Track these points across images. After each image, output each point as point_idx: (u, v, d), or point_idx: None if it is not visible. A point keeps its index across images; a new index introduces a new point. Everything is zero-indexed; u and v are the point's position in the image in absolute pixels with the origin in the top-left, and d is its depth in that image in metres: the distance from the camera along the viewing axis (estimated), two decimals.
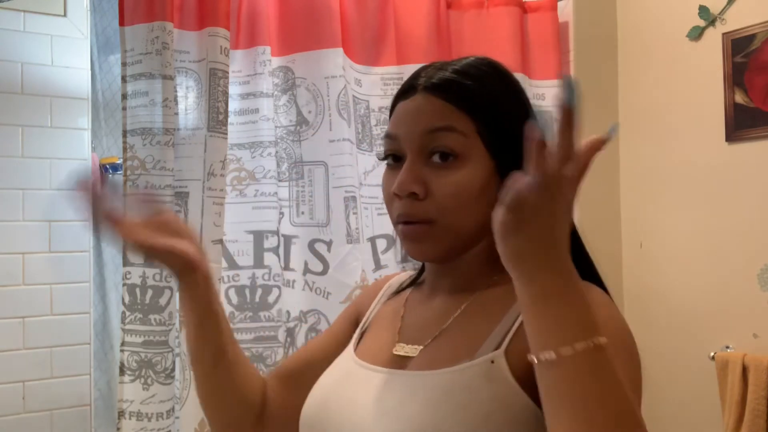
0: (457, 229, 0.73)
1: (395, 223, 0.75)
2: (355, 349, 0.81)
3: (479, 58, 0.77)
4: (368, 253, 1.84)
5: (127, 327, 1.54)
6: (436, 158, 0.72)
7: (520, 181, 0.54)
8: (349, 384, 0.75)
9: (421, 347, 0.73)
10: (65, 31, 2.11)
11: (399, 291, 0.87)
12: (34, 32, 2.06)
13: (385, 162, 0.78)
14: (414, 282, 0.87)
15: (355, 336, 0.85)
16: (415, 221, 0.72)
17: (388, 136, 0.76)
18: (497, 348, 0.66)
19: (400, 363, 0.73)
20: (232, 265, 1.70)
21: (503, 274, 0.61)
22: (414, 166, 0.72)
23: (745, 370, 1.71)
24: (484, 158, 0.72)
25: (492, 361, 0.65)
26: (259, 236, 1.71)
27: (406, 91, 0.76)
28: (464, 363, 0.66)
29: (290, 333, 1.76)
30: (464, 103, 0.72)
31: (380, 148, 0.77)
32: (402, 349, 0.75)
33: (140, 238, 0.74)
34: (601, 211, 2.06)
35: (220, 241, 1.62)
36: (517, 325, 0.67)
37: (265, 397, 0.87)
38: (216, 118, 1.62)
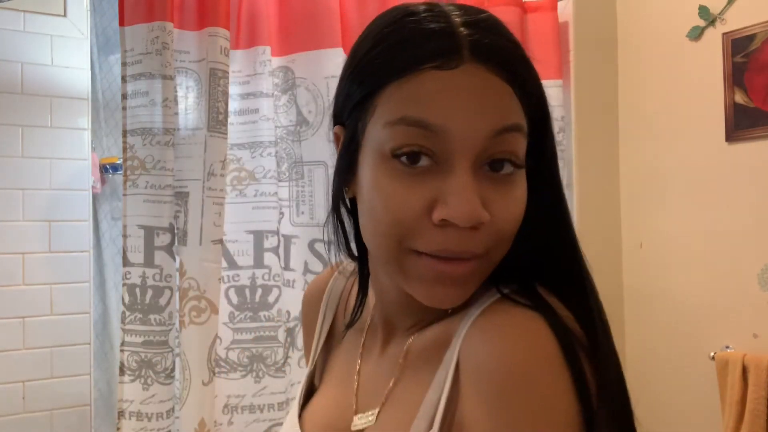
0: (497, 262, 0.53)
1: (419, 254, 0.51)
2: (300, 413, 0.66)
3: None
4: None
5: (127, 327, 1.54)
6: (488, 168, 0.49)
7: None
8: None
9: (377, 412, 0.57)
10: (65, 31, 2.11)
11: (351, 323, 0.69)
12: (34, 32, 2.06)
13: (398, 158, 0.49)
14: (360, 306, 0.68)
15: (302, 389, 0.70)
16: (467, 258, 0.50)
17: (422, 125, 0.48)
18: (430, 429, 0.50)
19: None
20: (232, 265, 1.70)
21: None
22: (475, 184, 0.48)
23: (745, 370, 1.71)
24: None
25: None
26: (259, 236, 1.71)
27: (445, 51, 0.48)
28: None
29: (290, 333, 1.76)
30: (522, 88, 0.50)
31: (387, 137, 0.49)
32: (360, 421, 0.59)
33: None
34: (601, 211, 2.06)
35: (220, 241, 1.62)
36: (447, 391, 0.50)
37: None
38: (216, 118, 1.62)
